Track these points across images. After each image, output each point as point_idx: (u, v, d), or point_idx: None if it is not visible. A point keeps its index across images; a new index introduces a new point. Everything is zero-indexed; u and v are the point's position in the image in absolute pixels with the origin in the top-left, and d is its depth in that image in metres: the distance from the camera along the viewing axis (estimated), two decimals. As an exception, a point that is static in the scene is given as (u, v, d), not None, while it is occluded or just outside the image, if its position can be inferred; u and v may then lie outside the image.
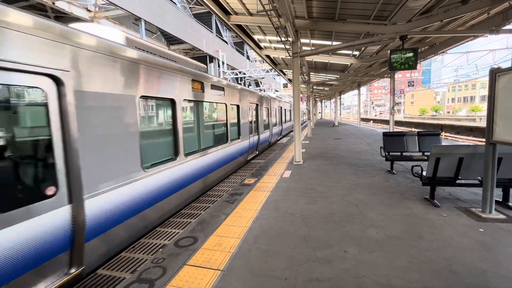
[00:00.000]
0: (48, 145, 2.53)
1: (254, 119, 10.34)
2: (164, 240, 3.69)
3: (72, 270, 2.67)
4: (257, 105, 10.73)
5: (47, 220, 2.43)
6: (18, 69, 2.25)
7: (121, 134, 3.39)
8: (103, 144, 3.10)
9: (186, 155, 4.97)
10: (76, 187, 2.71)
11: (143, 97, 3.85)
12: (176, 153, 4.68)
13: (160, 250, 3.16)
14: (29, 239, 2.27)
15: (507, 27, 6.97)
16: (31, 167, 2.50)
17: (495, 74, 3.31)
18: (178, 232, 3.91)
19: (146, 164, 3.89)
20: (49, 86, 2.52)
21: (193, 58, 21.30)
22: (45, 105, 2.50)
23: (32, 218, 2.31)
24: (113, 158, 3.26)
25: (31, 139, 2.52)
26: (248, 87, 24.97)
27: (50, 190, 2.51)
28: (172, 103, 4.64)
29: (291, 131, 22.21)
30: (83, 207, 2.77)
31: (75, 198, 2.71)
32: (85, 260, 2.80)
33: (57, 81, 2.58)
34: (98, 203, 2.98)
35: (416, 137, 6.52)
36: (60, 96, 2.60)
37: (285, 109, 19.17)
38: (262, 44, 12.46)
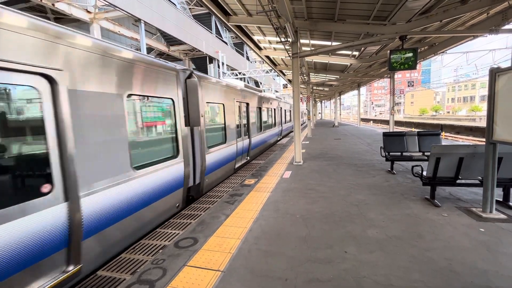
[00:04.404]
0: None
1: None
2: (164, 241, 3.68)
3: None
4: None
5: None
6: None
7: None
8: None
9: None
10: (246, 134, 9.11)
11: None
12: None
13: (160, 251, 3.15)
14: None
15: (507, 26, 6.98)
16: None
17: (495, 73, 3.31)
18: (178, 233, 3.91)
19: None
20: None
21: (192, 59, 21.37)
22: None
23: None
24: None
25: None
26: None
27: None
28: (259, 108, 11.19)
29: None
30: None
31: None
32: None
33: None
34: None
35: (416, 137, 6.51)
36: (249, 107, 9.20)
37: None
38: (261, 45, 12.46)
